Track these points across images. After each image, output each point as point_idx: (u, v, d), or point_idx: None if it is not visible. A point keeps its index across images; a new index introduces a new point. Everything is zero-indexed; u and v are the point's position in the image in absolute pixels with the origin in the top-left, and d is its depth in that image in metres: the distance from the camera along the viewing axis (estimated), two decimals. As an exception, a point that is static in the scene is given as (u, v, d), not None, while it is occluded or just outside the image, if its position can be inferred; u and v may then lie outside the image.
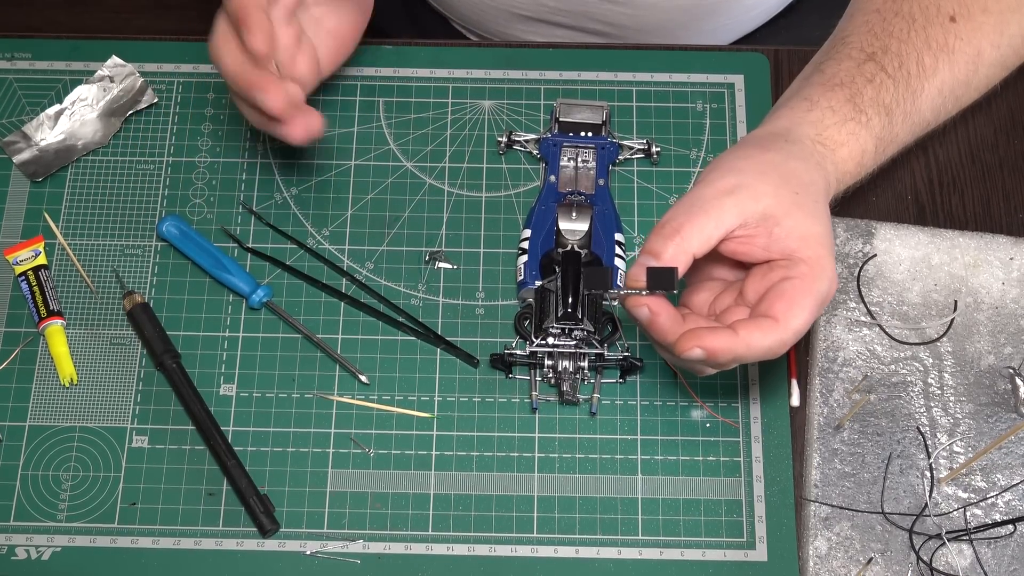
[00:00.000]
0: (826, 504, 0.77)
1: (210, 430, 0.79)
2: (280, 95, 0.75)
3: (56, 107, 0.89)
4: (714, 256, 0.70)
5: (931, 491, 0.77)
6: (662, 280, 0.66)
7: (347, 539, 0.78)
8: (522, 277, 0.81)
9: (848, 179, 0.74)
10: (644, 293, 0.67)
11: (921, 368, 0.80)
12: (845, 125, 0.73)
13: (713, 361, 0.67)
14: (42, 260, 0.84)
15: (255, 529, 0.77)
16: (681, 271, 0.67)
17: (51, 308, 0.82)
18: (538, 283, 0.80)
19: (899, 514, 0.76)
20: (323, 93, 0.90)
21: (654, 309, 0.67)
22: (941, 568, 0.75)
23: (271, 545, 0.77)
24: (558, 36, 1.03)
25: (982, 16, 0.77)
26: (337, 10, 0.83)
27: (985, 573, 0.75)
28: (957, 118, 0.82)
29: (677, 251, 0.67)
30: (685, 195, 0.69)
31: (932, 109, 0.77)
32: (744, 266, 0.71)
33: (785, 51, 0.92)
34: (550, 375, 0.79)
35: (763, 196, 0.68)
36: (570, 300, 0.77)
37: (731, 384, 0.81)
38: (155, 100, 0.89)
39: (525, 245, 0.82)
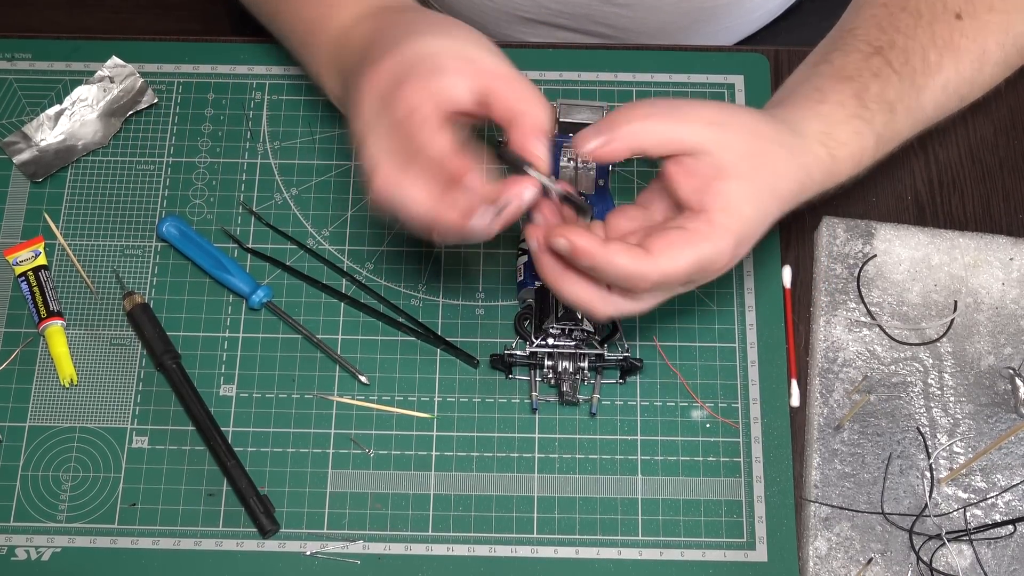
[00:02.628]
0: (826, 504, 0.77)
1: (210, 430, 0.79)
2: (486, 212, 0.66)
3: (56, 107, 0.89)
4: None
5: (931, 491, 0.77)
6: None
7: (347, 539, 0.78)
8: (522, 277, 0.81)
9: (835, 181, 0.74)
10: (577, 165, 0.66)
11: (921, 368, 0.80)
12: (851, 123, 0.72)
13: (575, 261, 0.66)
14: (42, 260, 0.84)
15: (255, 530, 0.77)
16: (619, 157, 0.66)
17: (51, 308, 0.82)
18: (538, 283, 0.80)
19: (899, 514, 0.76)
20: (324, 93, 0.89)
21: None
22: (941, 568, 0.75)
23: (271, 546, 0.77)
24: (559, 38, 1.03)
25: (988, 15, 0.77)
26: None
27: (985, 573, 0.75)
28: (957, 118, 0.82)
29: (628, 133, 0.66)
30: (675, 99, 0.68)
31: (935, 105, 0.77)
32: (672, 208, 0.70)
33: (785, 51, 0.92)
34: (550, 375, 0.79)
35: (733, 151, 0.67)
36: (570, 300, 0.77)
37: (731, 384, 0.81)
38: (155, 100, 0.89)
39: (525, 245, 0.82)
